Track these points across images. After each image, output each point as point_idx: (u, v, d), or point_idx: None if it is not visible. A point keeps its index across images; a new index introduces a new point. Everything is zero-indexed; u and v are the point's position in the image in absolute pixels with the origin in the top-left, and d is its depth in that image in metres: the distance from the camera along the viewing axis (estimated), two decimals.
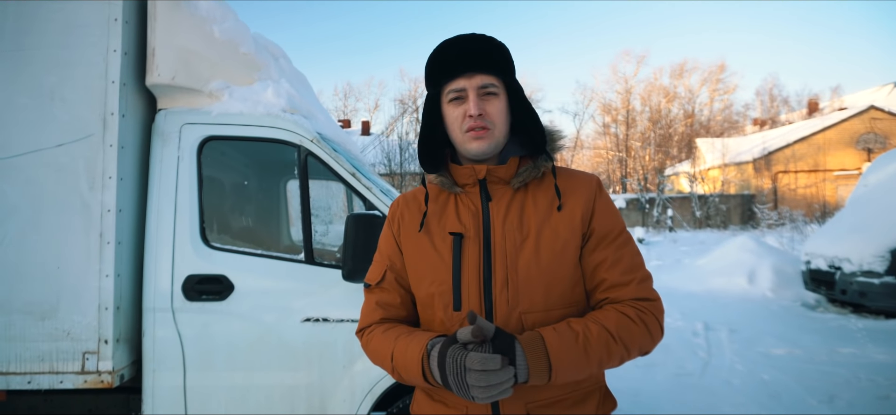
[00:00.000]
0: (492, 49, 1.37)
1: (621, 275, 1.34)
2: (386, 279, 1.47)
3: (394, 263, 1.48)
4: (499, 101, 1.37)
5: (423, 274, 1.41)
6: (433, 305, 1.39)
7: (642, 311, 1.31)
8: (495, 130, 1.37)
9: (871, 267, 8.10)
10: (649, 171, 40.49)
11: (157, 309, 2.90)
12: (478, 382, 1.12)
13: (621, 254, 1.36)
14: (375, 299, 1.48)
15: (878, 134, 32.74)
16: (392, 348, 1.33)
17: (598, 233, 1.37)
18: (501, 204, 1.39)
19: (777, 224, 23.45)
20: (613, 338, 1.26)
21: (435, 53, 1.39)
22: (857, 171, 31.18)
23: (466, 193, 1.43)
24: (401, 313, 1.47)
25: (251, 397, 2.93)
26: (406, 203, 1.53)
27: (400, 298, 1.47)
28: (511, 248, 1.34)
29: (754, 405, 4.65)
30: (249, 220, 4.56)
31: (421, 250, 1.43)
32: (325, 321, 2.93)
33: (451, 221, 1.41)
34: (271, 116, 3.06)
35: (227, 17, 3.07)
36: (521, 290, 1.32)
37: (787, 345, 6.63)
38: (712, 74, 53.04)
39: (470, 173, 1.39)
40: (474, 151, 1.37)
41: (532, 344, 1.20)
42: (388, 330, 1.40)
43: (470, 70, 1.34)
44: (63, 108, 2.80)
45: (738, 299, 9.71)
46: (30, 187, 2.78)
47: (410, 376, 1.28)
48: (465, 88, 1.35)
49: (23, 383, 2.76)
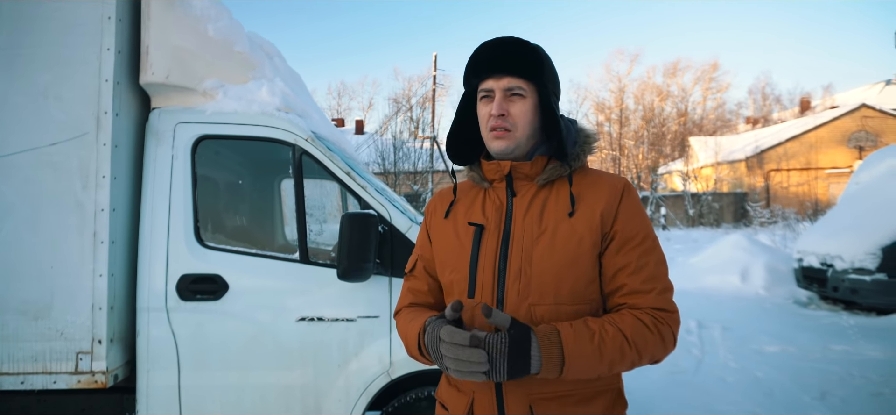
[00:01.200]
0: (525, 52, 1.41)
1: (643, 283, 1.34)
2: (416, 268, 1.60)
3: (424, 252, 1.59)
4: (524, 103, 1.41)
5: (446, 261, 1.49)
6: (452, 292, 1.47)
7: (659, 321, 1.32)
8: (517, 131, 1.41)
9: (863, 264, 8.14)
10: (643, 169, 40.64)
11: (152, 309, 2.89)
12: (447, 352, 1.22)
13: (645, 261, 1.36)
14: (408, 286, 1.61)
15: (870, 132, 32.93)
16: (407, 328, 1.46)
17: (621, 236, 1.37)
18: (524, 199, 1.44)
19: (769, 222, 23.56)
20: (628, 342, 1.28)
21: (474, 54, 1.46)
22: (848, 169, 31.32)
23: (494, 188, 1.50)
24: (428, 299, 1.57)
25: (246, 397, 2.92)
26: (440, 197, 1.63)
27: (427, 285, 1.58)
28: (528, 241, 1.38)
29: (748, 403, 4.67)
30: (244, 219, 4.55)
31: (446, 239, 1.52)
32: (320, 321, 2.93)
33: (475, 213, 1.49)
34: (266, 115, 3.05)
35: (221, 16, 3.06)
36: (534, 282, 1.35)
37: (780, 342, 6.66)
38: (705, 73, 53.30)
39: (496, 168, 1.46)
40: (495, 149, 1.44)
41: (547, 337, 1.23)
42: (411, 313, 1.50)
43: (499, 72, 1.40)
44: (57, 106, 2.79)
45: (731, 297, 9.74)
46: (23, 186, 2.76)
47: (412, 350, 1.43)
48: (492, 89, 1.41)
49: (16, 383, 2.75)
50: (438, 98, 34.84)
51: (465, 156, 1.57)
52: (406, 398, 2.95)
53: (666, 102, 51.64)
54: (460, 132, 1.56)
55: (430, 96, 32.72)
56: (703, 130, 49.84)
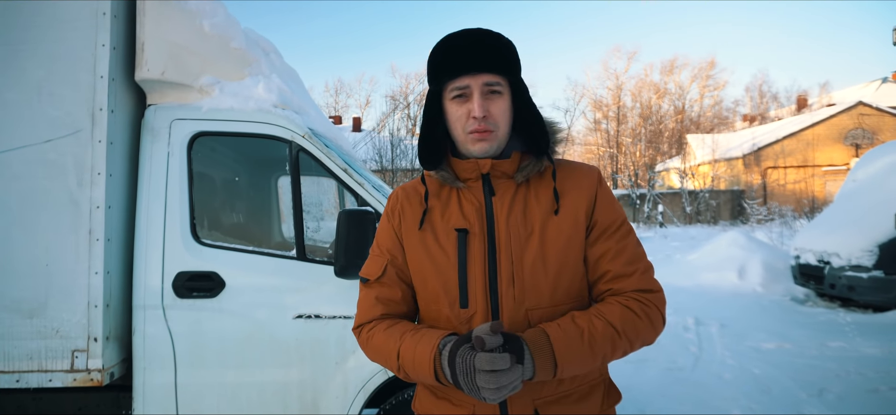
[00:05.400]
0: (499, 46, 1.33)
1: (624, 266, 1.34)
2: (387, 274, 1.43)
3: (395, 257, 1.45)
4: (503, 100, 1.34)
5: (428, 271, 1.38)
6: (439, 303, 1.37)
7: (645, 303, 1.31)
8: (498, 131, 1.35)
9: (860, 261, 8.17)
10: (640, 167, 40.69)
11: (148, 306, 2.87)
12: (488, 383, 1.12)
13: (623, 244, 1.36)
14: (375, 295, 1.44)
15: (866, 130, 33.02)
16: (398, 347, 1.31)
17: (600, 225, 1.37)
18: (505, 199, 1.37)
19: (766, 219, 23.62)
20: (618, 333, 1.27)
21: (439, 48, 1.36)
22: (845, 166, 31.44)
23: (469, 187, 1.40)
24: (401, 308, 1.44)
25: (243, 395, 2.91)
26: (406, 196, 1.49)
27: (401, 292, 1.44)
28: (516, 244, 1.34)
29: (745, 399, 4.67)
30: (240, 216, 4.53)
31: (425, 246, 1.40)
32: (318, 318, 2.92)
33: (454, 216, 1.39)
34: (262, 112, 3.03)
35: (217, 12, 3.04)
36: (528, 287, 1.32)
37: (777, 339, 6.67)
38: (702, 71, 53.26)
39: (473, 168, 1.37)
40: (477, 152, 1.35)
41: (538, 343, 1.21)
42: (391, 327, 1.37)
43: (475, 68, 1.30)
44: (51, 103, 2.77)
45: (728, 294, 9.76)
46: (18, 183, 2.75)
47: (419, 374, 1.26)
48: (469, 86, 1.31)
49: (11, 381, 2.73)
50: None
51: (432, 158, 1.42)
52: (403, 396, 2.94)
53: (663, 100, 51.68)
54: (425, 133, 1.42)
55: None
56: (701, 128, 49.85)
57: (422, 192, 1.47)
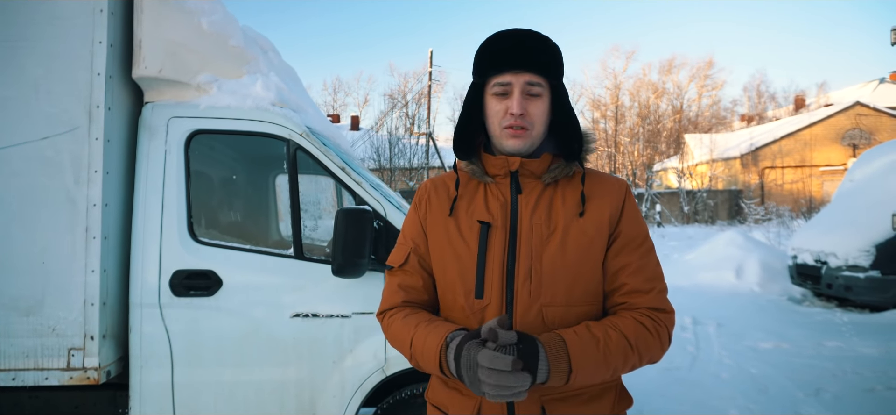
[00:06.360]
0: (545, 49, 1.36)
1: (643, 282, 1.36)
2: (409, 262, 1.48)
3: (418, 246, 1.49)
4: (542, 102, 1.37)
5: (448, 259, 1.41)
6: (455, 291, 1.39)
7: (658, 322, 1.33)
8: (533, 130, 1.38)
9: (857, 261, 8.19)
10: (638, 166, 40.71)
11: (144, 305, 2.86)
12: (488, 379, 1.12)
13: (645, 261, 1.38)
14: (398, 282, 1.48)
15: (864, 130, 33.08)
16: (412, 335, 1.34)
17: (624, 236, 1.39)
18: (531, 197, 1.39)
19: (764, 219, 23.65)
20: (631, 347, 1.28)
21: (487, 43, 1.39)
22: (842, 166, 31.46)
23: (496, 183, 1.43)
24: (422, 296, 1.48)
25: (240, 394, 2.91)
26: (435, 188, 1.53)
27: (422, 281, 1.47)
28: (537, 241, 1.35)
29: (742, 399, 4.68)
30: (238, 214, 4.52)
31: (447, 236, 1.43)
32: (315, 317, 2.91)
33: (479, 209, 1.42)
34: (260, 110, 3.03)
35: (215, 10, 3.03)
36: (545, 283, 1.33)
37: (775, 339, 6.68)
38: (700, 70, 53.38)
39: (502, 164, 1.40)
40: (510, 148, 1.38)
41: (555, 348, 1.21)
42: (408, 315, 1.41)
43: (519, 66, 1.34)
44: (48, 100, 2.75)
45: (725, 294, 9.77)
46: (14, 181, 2.73)
47: (427, 364, 1.30)
48: (510, 83, 1.35)
49: (7, 379, 2.72)
50: (434, 94, 34.72)
51: (466, 149, 1.47)
52: (401, 395, 2.94)
53: (661, 99, 51.78)
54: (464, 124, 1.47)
55: (426, 92, 32.66)
56: (699, 128, 49.94)
57: (451, 182, 1.51)
